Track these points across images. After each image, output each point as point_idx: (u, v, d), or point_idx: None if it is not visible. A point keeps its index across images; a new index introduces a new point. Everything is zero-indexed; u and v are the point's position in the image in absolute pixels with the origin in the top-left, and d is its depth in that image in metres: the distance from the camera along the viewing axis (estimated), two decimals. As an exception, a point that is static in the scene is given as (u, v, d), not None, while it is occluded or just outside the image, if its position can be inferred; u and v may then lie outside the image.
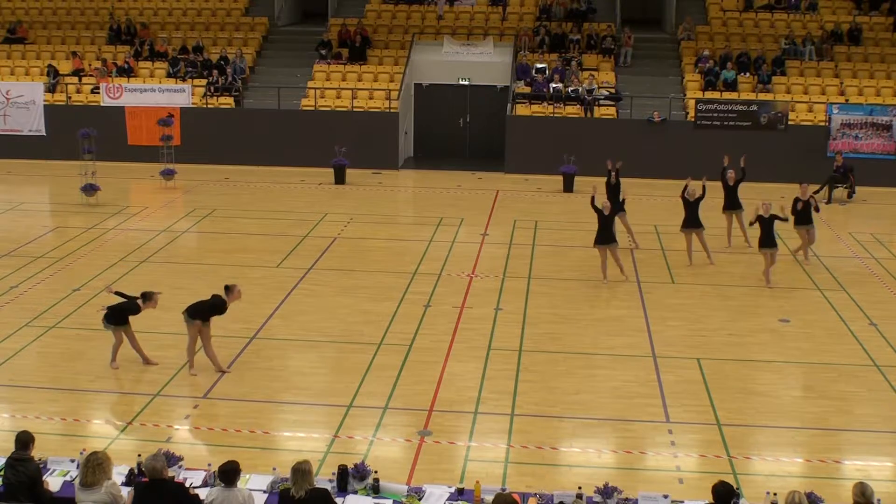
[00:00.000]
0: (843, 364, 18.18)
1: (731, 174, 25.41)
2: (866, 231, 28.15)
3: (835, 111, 34.88)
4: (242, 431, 15.04)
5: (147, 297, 17.44)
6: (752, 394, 16.95)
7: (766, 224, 22.52)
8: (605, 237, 22.49)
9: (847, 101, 35.94)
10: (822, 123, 35.11)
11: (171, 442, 14.44)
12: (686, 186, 24.31)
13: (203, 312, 17.08)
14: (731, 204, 25.69)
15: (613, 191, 25.75)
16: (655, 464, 14.50)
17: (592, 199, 22.98)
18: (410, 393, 16.60)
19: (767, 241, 22.61)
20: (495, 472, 13.85)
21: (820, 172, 32.88)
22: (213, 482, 11.27)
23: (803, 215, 24.38)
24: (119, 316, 17.33)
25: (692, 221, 24.19)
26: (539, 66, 37.83)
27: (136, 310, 17.40)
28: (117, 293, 17.62)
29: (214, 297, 17.25)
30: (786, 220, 23.67)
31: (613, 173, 26.17)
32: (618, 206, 24.15)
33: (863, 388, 17.19)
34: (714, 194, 25.26)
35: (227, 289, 17.32)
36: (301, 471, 10.56)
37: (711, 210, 25.44)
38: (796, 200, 24.50)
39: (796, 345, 19.30)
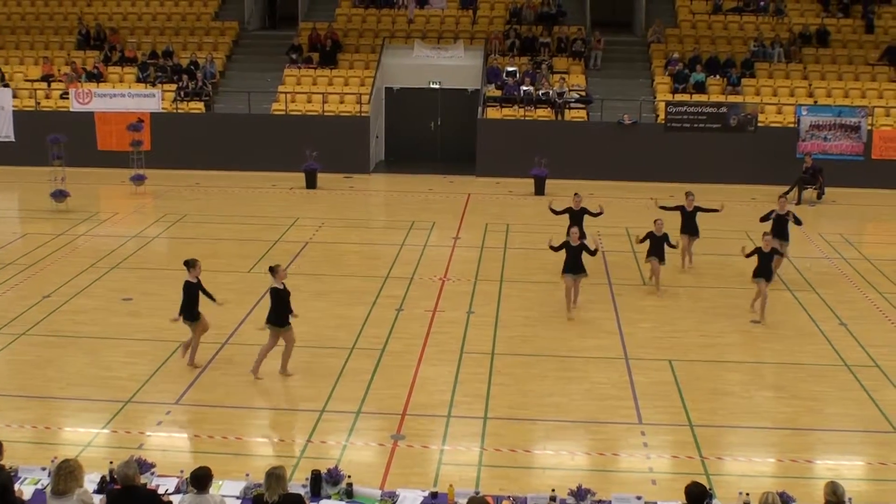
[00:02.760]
0: (814, 364, 18.28)
1: (690, 200, 24.25)
2: (835, 232, 28.31)
3: (804, 113, 35.08)
4: (215, 437, 14.99)
5: (273, 270, 17.37)
6: (724, 394, 17.02)
7: (766, 257, 20.84)
8: (574, 266, 20.90)
9: (816, 102, 36.16)
10: (791, 125, 35.31)
11: (143, 449, 14.35)
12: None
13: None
14: (689, 229, 24.47)
15: (578, 217, 23.75)
16: (628, 465, 14.54)
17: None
18: (383, 397, 16.58)
19: (764, 271, 20.84)
20: (469, 476, 13.85)
21: (789, 174, 33.10)
22: (186, 489, 11.23)
23: (778, 230, 23.09)
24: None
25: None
26: (509, 69, 37.89)
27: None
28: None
29: (270, 290, 17.22)
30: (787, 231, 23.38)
31: (577, 199, 24.25)
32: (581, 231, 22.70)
33: (833, 387, 17.30)
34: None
35: (273, 270, 17.32)
36: (274, 476, 10.53)
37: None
38: (772, 214, 23.47)
39: (767, 345, 19.40)
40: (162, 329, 19.38)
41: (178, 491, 11.49)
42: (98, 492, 11.23)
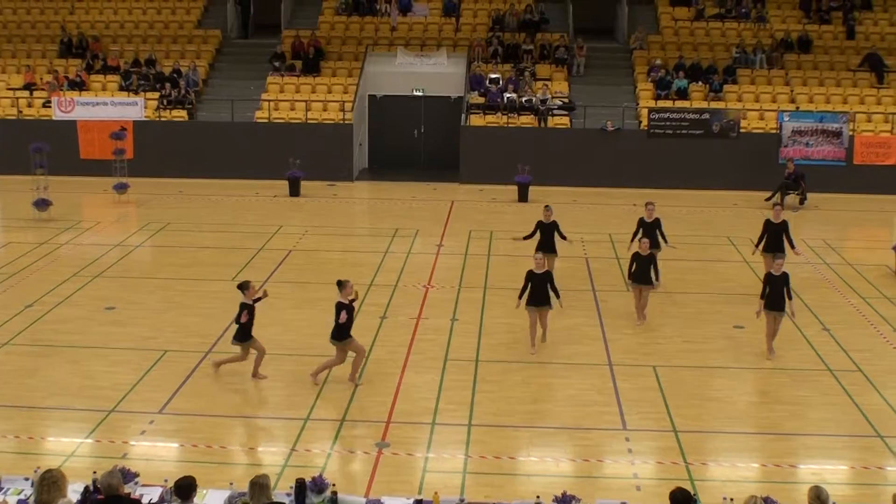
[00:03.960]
0: (797, 369, 18.33)
1: (650, 209, 22.90)
2: (818, 237, 28.40)
3: (786, 119, 35.20)
4: (199, 446, 14.95)
5: (341, 285, 17.28)
6: (708, 400, 17.06)
7: (777, 282, 18.65)
8: (538, 297, 19.21)
9: (797, 108, 36.31)
10: (774, 131, 35.43)
11: (126, 458, 14.30)
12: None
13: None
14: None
15: (549, 232, 22.51)
16: (613, 471, 14.55)
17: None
18: (367, 405, 16.56)
19: (777, 301, 18.70)
20: (453, 483, 13.84)
21: (772, 179, 33.23)
22: (170, 498, 11.18)
23: (773, 241, 22.13)
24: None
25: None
26: (493, 76, 37.94)
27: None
28: None
29: (338, 304, 17.12)
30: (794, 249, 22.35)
31: (548, 212, 22.85)
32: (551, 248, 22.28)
33: (816, 392, 17.34)
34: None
35: (340, 284, 17.23)
36: (258, 485, 10.50)
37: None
38: (767, 223, 22.42)
39: (751, 350, 19.43)
40: (145, 338, 19.40)
41: (162, 500, 11.44)
42: (81, 502, 11.17)
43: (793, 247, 22.17)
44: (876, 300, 22.77)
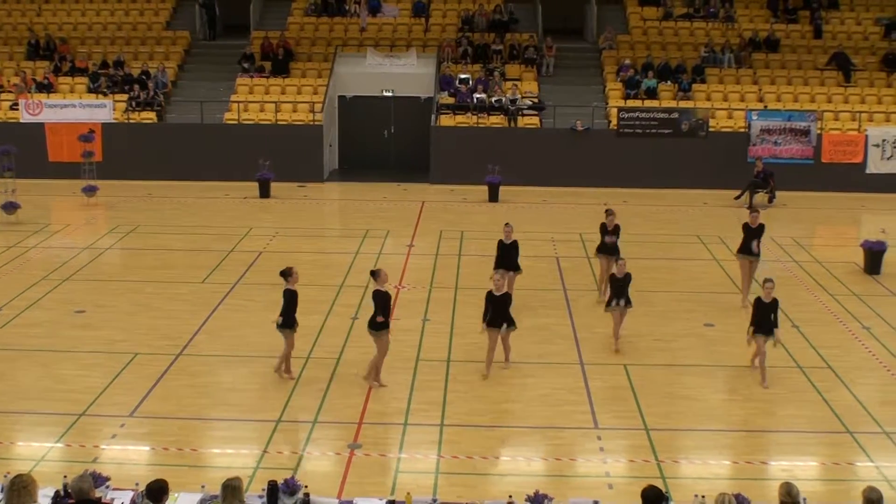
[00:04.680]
0: (767, 366, 18.40)
1: (611, 218, 22.29)
2: (787, 235, 28.54)
3: (754, 117, 35.38)
4: (170, 449, 14.90)
5: (375, 274, 17.36)
6: (679, 398, 17.13)
7: (765, 309, 17.81)
8: (497, 317, 17.86)
9: (766, 107, 36.49)
10: (742, 130, 35.59)
11: (97, 462, 14.23)
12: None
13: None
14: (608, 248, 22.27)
15: (509, 252, 21.56)
16: (585, 470, 14.60)
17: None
18: (339, 406, 16.55)
19: (766, 328, 17.80)
20: (426, 484, 13.85)
21: (740, 178, 33.37)
22: (141, 502, 11.14)
23: (749, 243, 21.90)
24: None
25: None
26: (462, 76, 37.95)
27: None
28: None
29: (374, 293, 17.21)
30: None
31: (508, 229, 21.76)
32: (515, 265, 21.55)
33: (786, 389, 17.45)
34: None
35: (374, 273, 17.34)
36: (230, 487, 10.47)
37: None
38: (745, 226, 22.04)
39: (721, 348, 19.53)
40: (115, 341, 19.32)
41: (133, 504, 11.40)
42: (52, 506, 11.12)
43: (757, 250, 21.94)
44: (845, 297, 22.91)
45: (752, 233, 21.99)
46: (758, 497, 12.16)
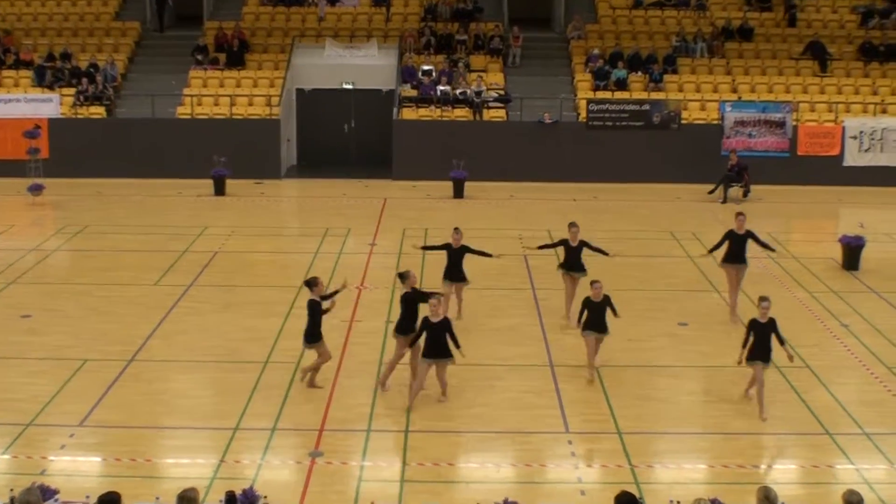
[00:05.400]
0: (743, 366, 18.48)
1: (574, 232, 20.99)
2: (762, 230, 28.48)
3: (728, 109, 35.55)
4: (123, 460, 14.80)
5: (403, 276, 17.52)
6: (652, 400, 17.19)
7: (764, 330, 16.72)
8: (436, 350, 16.65)
9: (740, 98, 36.69)
10: (716, 122, 35.77)
11: (45, 474, 14.12)
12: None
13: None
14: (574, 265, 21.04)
15: (457, 258, 20.84)
16: (556, 476, 14.62)
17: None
18: (300, 412, 16.50)
19: (763, 353, 16.69)
20: (391, 492, 13.83)
21: (714, 172, 33.54)
22: (92, 514, 11.08)
23: (737, 253, 21.14)
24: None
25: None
26: (425, 68, 37.93)
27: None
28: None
29: (403, 296, 17.26)
30: (774, 250, 22.20)
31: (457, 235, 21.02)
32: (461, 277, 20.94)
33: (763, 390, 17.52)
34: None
35: (402, 276, 17.49)
36: (186, 499, 10.43)
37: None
38: (730, 234, 21.17)
39: (695, 348, 19.63)
40: (63, 347, 19.18)
41: (83, 517, 11.34)
42: (-2, 521, 11.05)
43: (771, 249, 21.86)
44: (822, 294, 23.07)
45: (740, 240, 21.09)
46: (735, 502, 12.23)
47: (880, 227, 29.18)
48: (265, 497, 11.73)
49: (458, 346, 16.65)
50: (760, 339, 16.59)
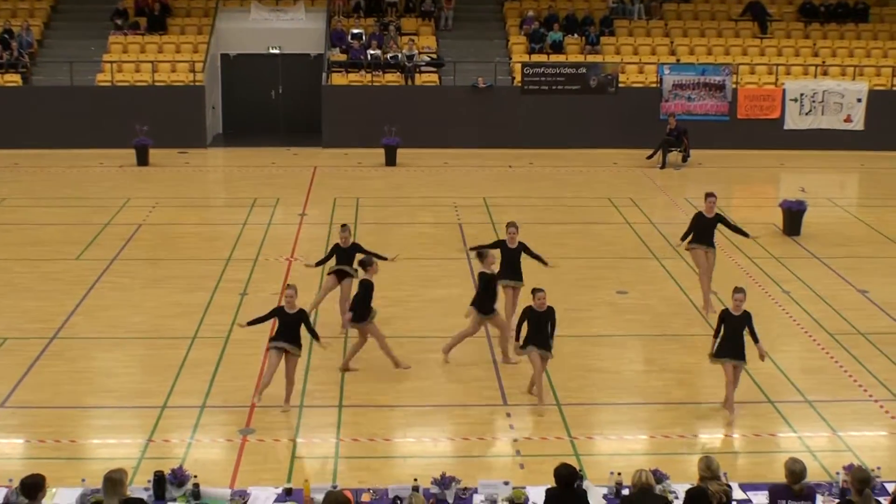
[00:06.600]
0: (684, 335, 18.72)
1: (512, 234, 18.86)
2: (702, 196, 28.86)
3: (666, 72, 35.77)
4: (46, 441, 14.69)
5: (482, 255, 17.41)
6: (592, 370, 17.33)
7: (737, 324, 15.67)
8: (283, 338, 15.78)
9: (678, 61, 36.93)
10: (654, 85, 36.01)
11: (-35, 457, 14.04)
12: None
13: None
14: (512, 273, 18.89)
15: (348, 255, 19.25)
16: (495, 450, 14.73)
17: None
18: (229, 389, 16.46)
19: (735, 349, 15.64)
20: (325, 469, 13.86)
21: (653, 136, 33.74)
22: (16, 499, 11.01)
23: (705, 235, 20.10)
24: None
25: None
26: (355, 31, 37.77)
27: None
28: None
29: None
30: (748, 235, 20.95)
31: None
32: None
33: (704, 359, 17.56)
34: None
35: (481, 255, 17.49)
36: (112, 480, 10.38)
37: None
38: (699, 217, 20.28)
39: (635, 317, 19.80)
40: (-18, 326, 18.97)
41: (7, 502, 11.27)
42: (-84, 507, 10.96)
43: (745, 234, 20.80)
44: (763, 260, 23.33)
45: (707, 223, 20.09)
46: (676, 473, 12.38)
47: (821, 191, 29.58)
48: (195, 477, 11.69)
49: (317, 337, 16.08)
50: (731, 334, 15.60)
